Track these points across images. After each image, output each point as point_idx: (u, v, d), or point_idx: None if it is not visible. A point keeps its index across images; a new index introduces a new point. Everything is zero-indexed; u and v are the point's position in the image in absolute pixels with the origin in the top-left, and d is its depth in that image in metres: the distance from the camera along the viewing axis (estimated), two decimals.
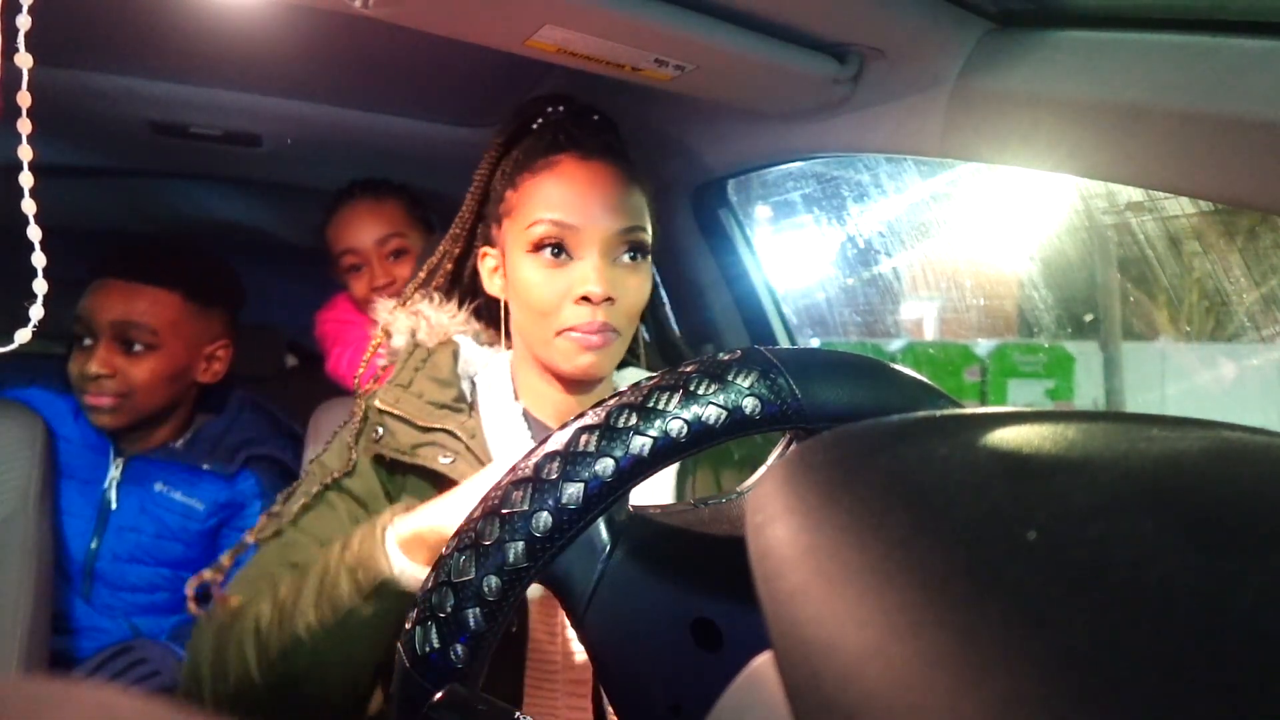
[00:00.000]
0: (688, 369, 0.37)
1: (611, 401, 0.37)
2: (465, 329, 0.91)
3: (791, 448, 0.41)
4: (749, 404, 0.36)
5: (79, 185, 1.52)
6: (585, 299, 0.78)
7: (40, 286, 0.52)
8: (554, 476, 0.36)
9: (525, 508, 0.36)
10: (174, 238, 1.35)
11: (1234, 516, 0.20)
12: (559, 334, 0.79)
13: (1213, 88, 0.56)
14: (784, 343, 1.28)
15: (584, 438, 0.36)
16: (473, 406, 0.85)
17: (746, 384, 0.36)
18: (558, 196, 0.80)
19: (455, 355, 0.88)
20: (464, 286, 0.93)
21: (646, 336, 0.99)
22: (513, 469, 0.38)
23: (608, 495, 0.36)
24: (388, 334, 0.90)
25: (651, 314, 0.98)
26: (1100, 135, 0.63)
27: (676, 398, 0.36)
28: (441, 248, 0.93)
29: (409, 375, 0.86)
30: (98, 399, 1.19)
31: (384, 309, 0.92)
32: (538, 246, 0.79)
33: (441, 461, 0.78)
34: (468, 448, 0.79)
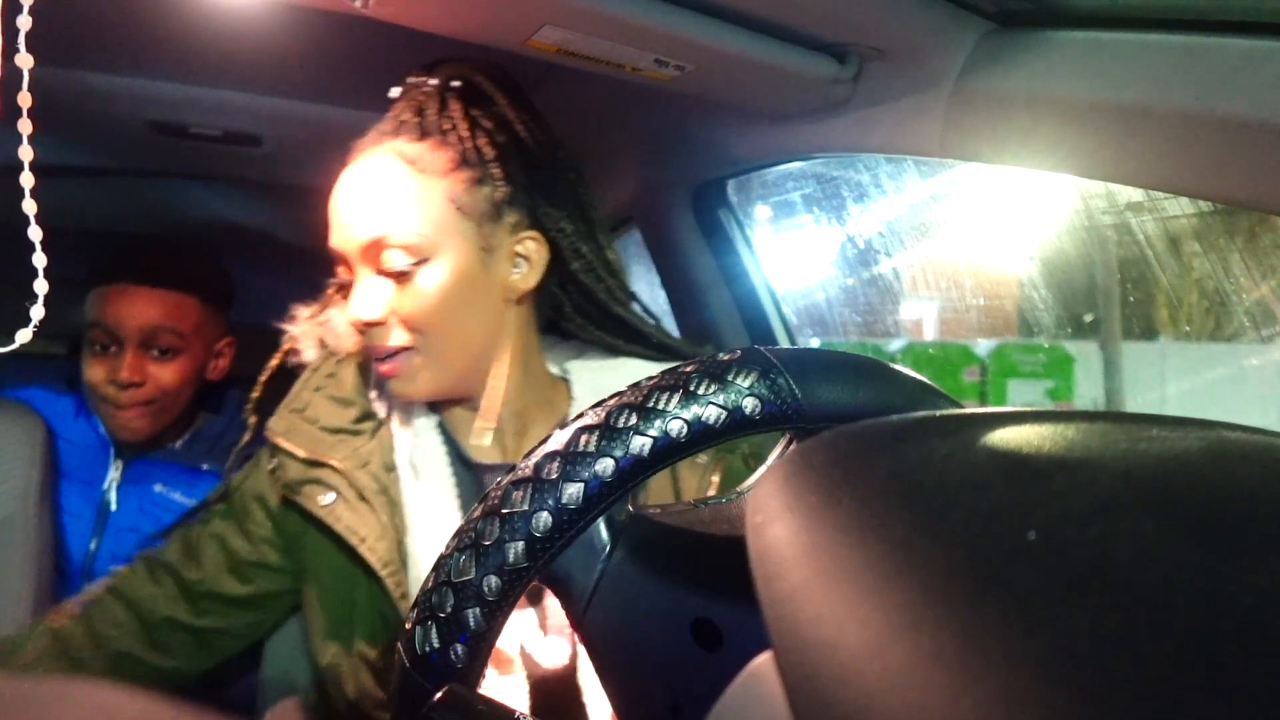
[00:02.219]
0: (687, 369, 0.37)
1: (611, 401, 0.37)
2: None
3: (791, 448, 0.41)
4: (749, 404, 0.36)
5: (79, 185, 1.52)
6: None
7: (40, 286, 0.52)
8: (554, 476, 0.36)
9: (525, 508, 0.36)
10: (181, 239, 1.35)
11: (1234, 516, 0.20)
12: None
13: (1213, 88, 0.56)
14: (784, 343, 1.28)
15: (584, 438, 0.36)
16: (384, 424, 0.78)
17: (746, 384, 0.36)
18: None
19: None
20: None
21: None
22: (513, 469, 0.38)
23: (608, 495, 0.36)
24: (294, 350, 0.83)
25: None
26: (1100, 135, 0.63)
27: (676, 398, 0.36)
28: None
29: (306, 398, 0.78)
30: (129, 409, 1.18)
31: (300, 319, 0.85)
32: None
33: (321, 502, 0.72)
34: (351, 483, 0.72)
